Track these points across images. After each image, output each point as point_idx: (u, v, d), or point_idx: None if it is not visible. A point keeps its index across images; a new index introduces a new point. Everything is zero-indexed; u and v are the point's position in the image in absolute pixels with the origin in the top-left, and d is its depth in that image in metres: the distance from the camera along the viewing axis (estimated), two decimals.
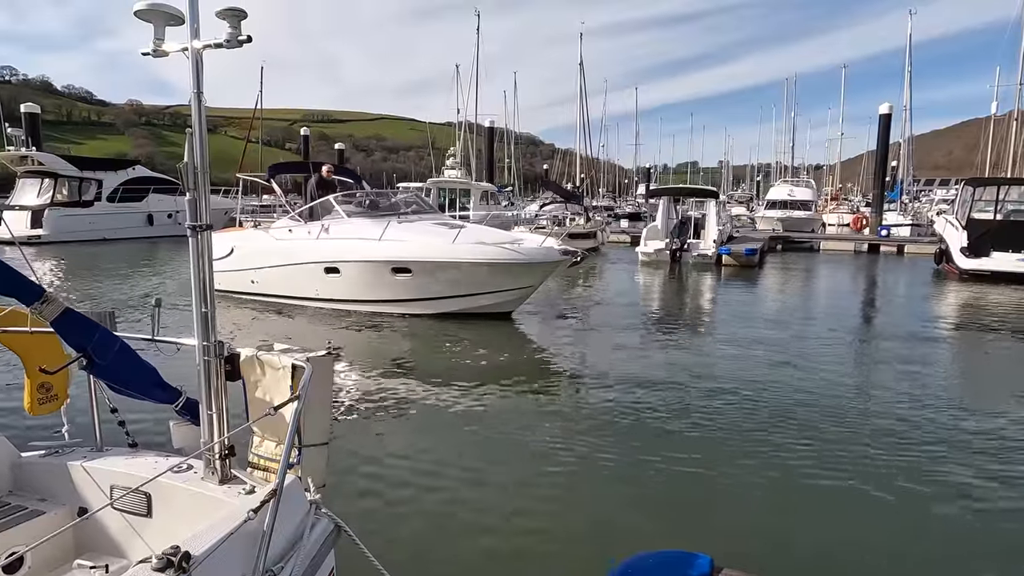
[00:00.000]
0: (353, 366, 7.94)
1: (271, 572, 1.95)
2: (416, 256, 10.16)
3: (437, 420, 6.15)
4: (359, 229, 10.73)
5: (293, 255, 11.18)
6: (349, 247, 10.55)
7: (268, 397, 2.39)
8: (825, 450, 5.34)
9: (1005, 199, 18.90)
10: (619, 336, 9.88)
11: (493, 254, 10.00)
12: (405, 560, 3.54)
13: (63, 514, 2.45)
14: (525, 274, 10.27)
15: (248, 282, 11.77)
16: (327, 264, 10.73)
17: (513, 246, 10.23)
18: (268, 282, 11.61)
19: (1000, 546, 3.93)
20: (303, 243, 11.08)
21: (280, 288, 11.51)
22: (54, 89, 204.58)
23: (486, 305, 10.43)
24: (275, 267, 11.43)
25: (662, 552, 3.14)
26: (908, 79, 39.24)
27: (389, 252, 10.19)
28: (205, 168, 2.18)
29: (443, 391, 6.88)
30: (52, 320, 2.22)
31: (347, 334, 9.83)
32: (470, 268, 10.02)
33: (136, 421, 2.86)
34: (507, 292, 10.41)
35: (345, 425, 5.88)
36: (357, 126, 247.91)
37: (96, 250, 24.50)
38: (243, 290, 11.83)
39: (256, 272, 11.66)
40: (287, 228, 11.59)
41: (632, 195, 66.35)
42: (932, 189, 57.63)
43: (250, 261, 11.66)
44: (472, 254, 10.01)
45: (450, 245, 10.06)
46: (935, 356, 9.14)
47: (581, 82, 42.86)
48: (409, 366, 8.11)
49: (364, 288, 10.64)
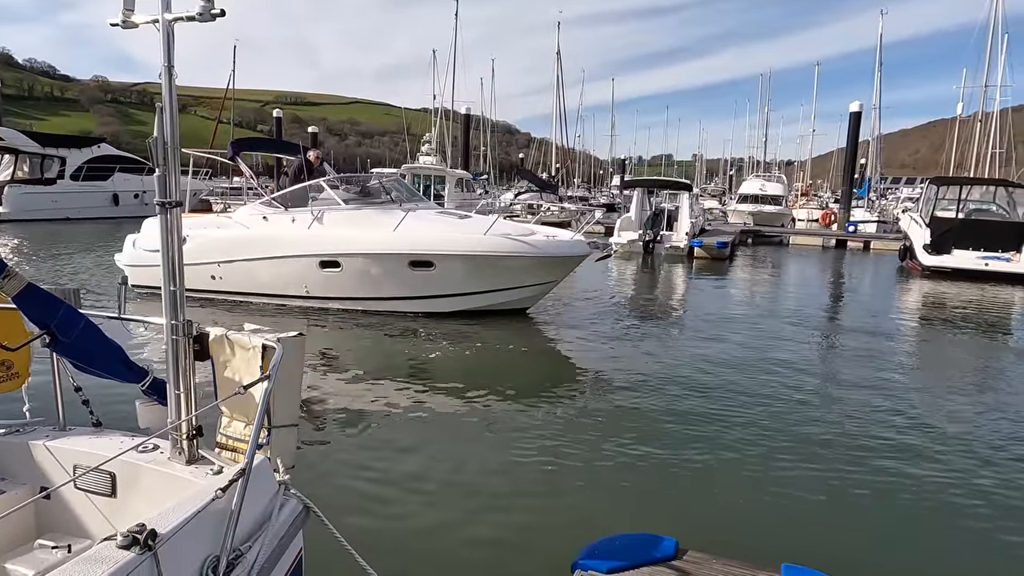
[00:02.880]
0: (357, 366, 7.42)
1: (238, 551, 1.95)
2: (441, 249, 9.24)
3: (447, 421, 6.14)
4: (365, 218, 9.75)
5: (274, 247, 9.84)
6: (355, 238, 9.47)
7: (237, 377, 2.36)
8: (783, 437, 5.48)
9: (967, 198, 19.44)
10: (621, 327, 9.96)
11: (527, 248, 9.27)
12: (375, 542, 3.55)
13: (23, 493, 2.40)
14: (556, 268, 9.75)
15: (207, 278, 10.13)
16: (324, 257, 9.59)
17: (543, 239, 9.55)
18: (235, 278, 10.11)
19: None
20: (288, 233, 9.80)
21: (253, 285, 10.11)
22: (15, 62, 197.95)
23: (508, 301, 9.78)
24: (246, 261, 9.97)
25: (629, 535, 3.20)
26: (878, 78, 39.94)
27: (408, 244, 9.25)
28: (176, 144, 2.14)
29: (451, 389, 6.82)
30: (14, 296, 2.17)
31: (349, 334, 8.99)
32: (502, 262, 9.29)
33: (101, 401, 2.81)
34: (532, 287, 9.80)
35: (344, 420, 5.85)
36: (331, 109, 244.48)
37: (59, 229, 23.84)
38: (200, 287, 10.03)
39: (219, 267, 10.10)
40: (259, 215, 10.18)
41: (607, 186, 66.63)
42: (899, 187, 58.92)
43: (210, 253, 10.03)
44: (505, 247, 9.21)
45: (482, 237, 9.21)
46: (893, 349, 9.40)
47: (558, 72, 42.97)
48: (422, 367, 7.58)
49: (371, 284, 9.59)
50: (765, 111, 57.75)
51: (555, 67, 43.11)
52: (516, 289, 9.68)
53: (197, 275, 9.63)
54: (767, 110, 57.77)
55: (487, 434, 5.48)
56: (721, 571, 2.94)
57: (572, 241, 9.80)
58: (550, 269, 9.69)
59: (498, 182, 51.84)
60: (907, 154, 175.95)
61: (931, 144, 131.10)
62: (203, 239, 10.04)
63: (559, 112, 44.01)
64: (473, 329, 9.13)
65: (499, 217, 9.77)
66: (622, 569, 2.88)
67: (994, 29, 34.86)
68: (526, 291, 9.81)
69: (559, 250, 9.53)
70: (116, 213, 30.61)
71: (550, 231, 10.28)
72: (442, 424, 5.73)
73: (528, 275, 9.61)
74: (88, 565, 1.54)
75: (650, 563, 2.95)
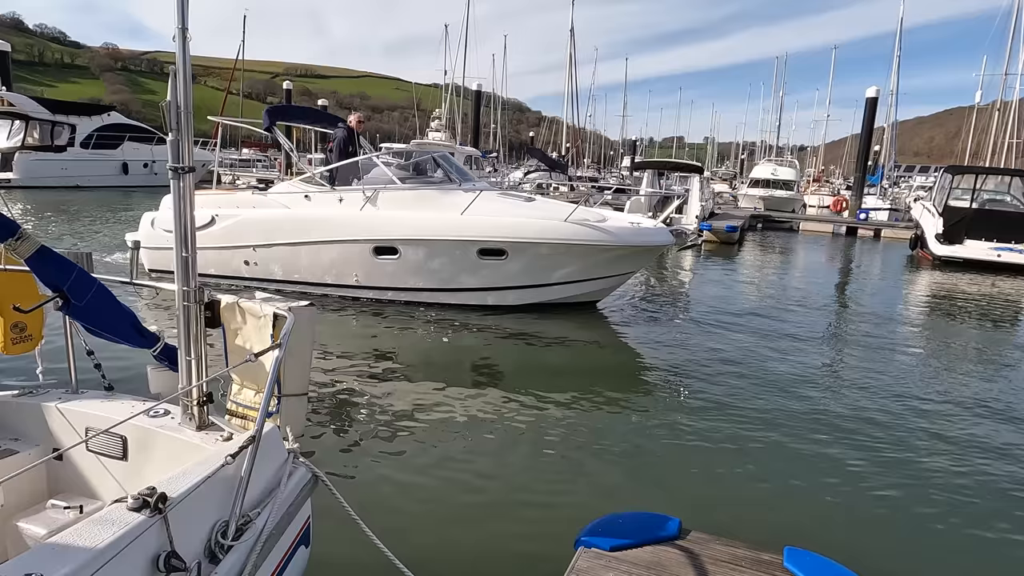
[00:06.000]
0: (406, 361, 6.86)
1: (247, 517, 1.97)
2: (516, 236, 8.34)
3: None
4: (426, 199, 8.86)
5: (319, 230, 8.84)
6: (417, 222, 8.54)
7: (248, 345, 2.37)
8: (788, 422, 5.49)
9: (982, 188, 19.19)
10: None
11: (611, 236, 8.45)
12: (382, 512, 3.58)
13: (36, 454, 2.43)
14: (638, 258, 9.02)
15: (240, 263, 9.20)
16: (379, 243, 8.65)
17: (627, 227, 8.79)
18: (273, 264, 9.12)
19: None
20: (337, 214, 8.84)
21: (293, 272, 9.09)
22: (25, 27, 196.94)
23: (582, 293, 9.07)
24: (286, 245, 8.99)
25: (633, 513, 3.22)
26: (897, 64, 39.28)
27: (479, 230, 8.38)
28: (189, 109, 2.13)
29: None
30: (27, 257, 2.17)
31: (401, 328, 8.03)
32: (583, 251, 8.46)
33: (112, 365, 2.82)
34: (608, 279, 9.05)
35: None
36: (341, 83, 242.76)
37: (68, 196, 23.90)
38: (230, 274, 9.19)
39: (254, 251, 9.12)
40: (301, 194, 9.18)
41: (617, 167, 66.29)
42: (912, 175, 58.32)
43: (244, 236, 9.09)
44: (589, 235, 8.36)
45: (561, 223, 8.36)
46: (900, 336, 9.36)
47: (571, 50, 42.37)
48: (486, 367, 6.89)
49: (432, 274, 8.70)
50: (780, 95, 57.22)
51: (568, 45, 42.48)
52: (592, 280, 8.91)
53: (229, 260, 9.15)
54: (782, 94, 57.28)
55: (505, 417, 5.50)
56: (724, 552, 2.95)
57: (656, 229, 9.00)
58: (632, 259, 8.95)
59: (507, 160, 51.50)
60: (921, 142, 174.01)
61: (946, 132, 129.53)
62: (236, 220, 9.14)
63: (571, 91, 43.47)
64: (535, 325, 8.33)
65: (582, 203, 8.83)
66: (625, 547, 2.90)
67: (1017, 16, 34.25)
68: (602, 283, 9.06)
69: (644, 238, 8.74)
70: (125, 182, 30.68)
71: (631, 217, 9.49)
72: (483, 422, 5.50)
73: (608, 265, 8.80)
74: (99, 526, 1.55)
75: (653, 542, 2.97)
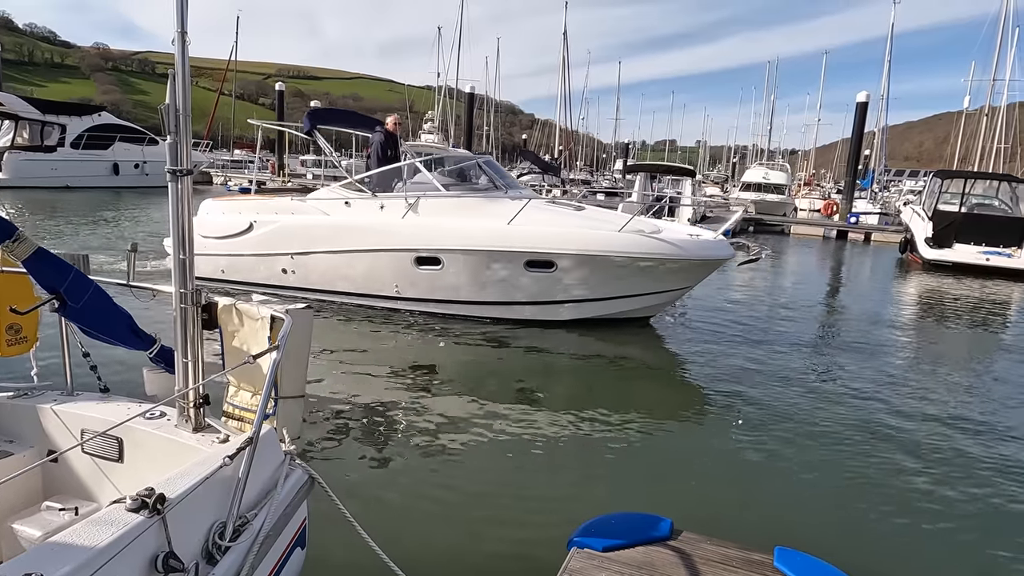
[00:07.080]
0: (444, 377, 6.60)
1: (244, 518, 1.98)
2: (567, 247, 7.87)
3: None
4: (471, 207, 8.45)
5: (359, 238, 8.45)
6: (461, 231, 8.09)
7: (245, 347, 2.38)
8: (779, 423, 5.54)
9: (971, 192, 19.39)
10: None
11: (670, 249, 7.92)
12: (377, 514, 3.59)
13: (31, 456, 2.43)
14: (695, 273, 8.42)
15: (277, 272, 8.87)
16: (422, 253, 8.26)
17: (686, 239, 8.24)
18: (311, 273, 8.77)
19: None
20: (378, 222, 8.44)
21: (331, 282, 8.74)
22: (15, 26, 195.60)
23: (635, 309, 8.59)
24: (325, 253, 8.63)
25: (625, 514, 3.25)
26: (887, 69, 39.59)
27: (527, 240, 7.93)
28: (187, 111, 2.14)
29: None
30: (23, 259, 2.18)
31: (442, 342, 7.65)
32: (639, 265, 7.96)
33: (108, 367, 2.83)
34: (663, 294, 8.52)
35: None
36: (334, 84, 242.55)
37: (58, 197, 23.74)
38: (268, 282, 8.83)
39: (292, 259, 8.79)
40: (341, 200, 8.77)
41: (610, 170, 66.45)
42: (902, 180, 58.77)
43: (281, 243, 8.77)
44: (646, 248, 7.86)
45: (615, 234, 7.91)
46: (890, 340, 9.45)
47: (564, 52, 42.34)
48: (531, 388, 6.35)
49: (477, 286, 8.26)
50: (771, 99, 57.41)
51: (561, 47, 42.47)
52: (647, 296, 8.43)
53: (265, 267, 8.92)
54: (773, 98, 57.42)
55: (505, 418, 5.52)
56: (715, 552, 2.98)
57: (716, 242, 8.41)
58: (689, 273, 8.36)
59: (500, 163, 51.57)
60: (911, 147, 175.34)
61: (936, 137, 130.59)
62: (273, 226, 8.82)
63: (564, 94, 43.53)
64: (584, 341, 7.96)
65: (638, 213, 8.38)
66: (617, 547, 2.93)
67: (1005, 22, 34.60)
68: (656, 298, 8.55)
69: (704, 252, 8.20)
70: (116, 183, 30.48)
71: (690, 229, 9.04)
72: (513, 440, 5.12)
73: (664, 280, 8.27)
74: (97, 527, 1.56)
75: (645, 542, 2.99)
